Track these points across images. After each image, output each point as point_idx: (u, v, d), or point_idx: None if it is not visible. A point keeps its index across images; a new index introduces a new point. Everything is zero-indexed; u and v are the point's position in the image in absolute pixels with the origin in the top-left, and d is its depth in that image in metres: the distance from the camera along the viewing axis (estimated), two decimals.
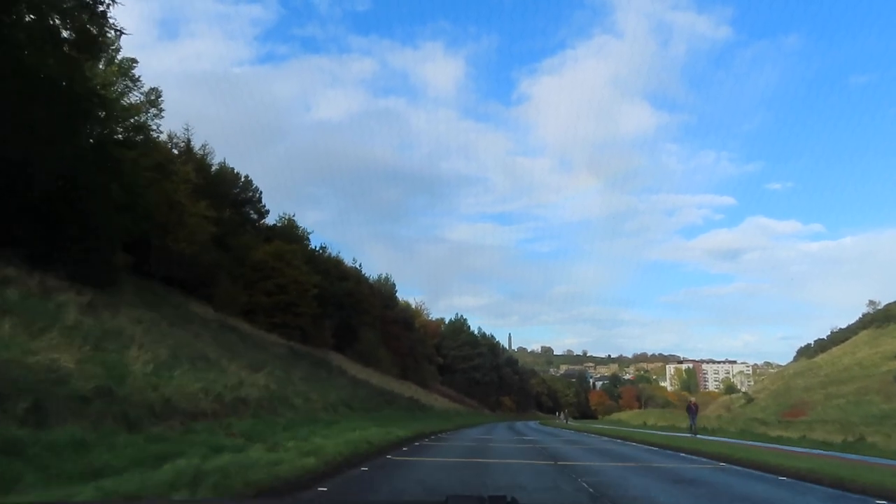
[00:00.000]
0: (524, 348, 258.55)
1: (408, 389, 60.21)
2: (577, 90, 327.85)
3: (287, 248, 45.75)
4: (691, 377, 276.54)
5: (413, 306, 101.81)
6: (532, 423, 76.94)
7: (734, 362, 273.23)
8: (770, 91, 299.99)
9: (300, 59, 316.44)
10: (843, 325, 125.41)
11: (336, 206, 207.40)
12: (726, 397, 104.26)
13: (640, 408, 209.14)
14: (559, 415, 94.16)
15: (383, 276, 78.52)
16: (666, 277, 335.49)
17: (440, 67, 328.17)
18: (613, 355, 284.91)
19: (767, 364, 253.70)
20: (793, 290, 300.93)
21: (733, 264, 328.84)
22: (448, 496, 2.00)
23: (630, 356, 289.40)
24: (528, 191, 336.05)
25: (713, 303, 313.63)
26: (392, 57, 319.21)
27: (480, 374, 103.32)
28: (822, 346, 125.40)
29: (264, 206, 58.27)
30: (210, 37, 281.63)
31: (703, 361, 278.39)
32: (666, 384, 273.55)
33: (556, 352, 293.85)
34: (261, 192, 57.80)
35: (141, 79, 29.49)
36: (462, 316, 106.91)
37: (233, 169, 55.14)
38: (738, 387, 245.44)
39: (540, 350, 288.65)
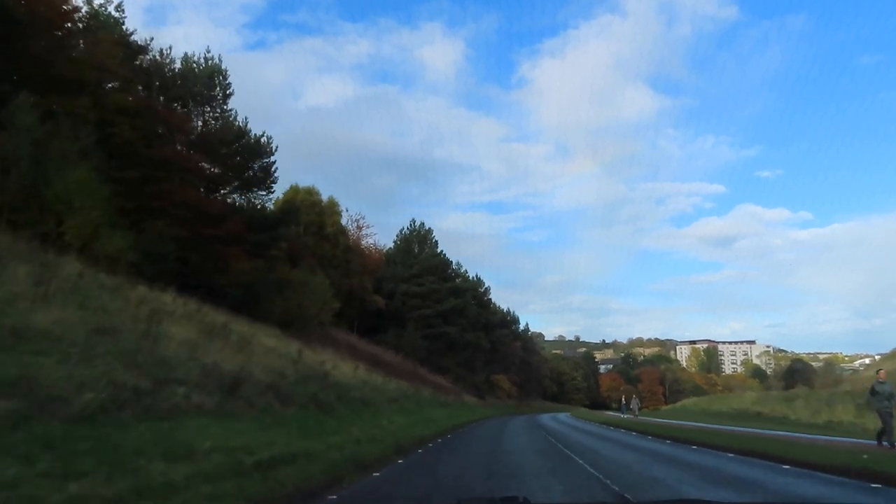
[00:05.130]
0: None
1: None
2: (578, 73, 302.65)
3: None
4: (711, 358, 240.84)
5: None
6: (561, 416, 45.87)
7: (753, 342, 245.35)
8: (773, 73, 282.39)
9: (292, 44, 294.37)
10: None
11: (328, 194, 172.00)
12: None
13: (664, 393, 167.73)
14: (630, 406, 45.76)
15: (210, 57, 29.69)
16: (656, 266, 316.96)
17: (439, 50, 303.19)
18: (608, 340, 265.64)
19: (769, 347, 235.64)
20: (781, 277, 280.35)
21: (723, 252, 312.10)
22: (460, 499, 2.04)
23: (625, 341, 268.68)
24: (521, 179, 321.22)
25: (702, 290, 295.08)
26: (390, 39, 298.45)
27: (457, 330, 55.50)
28: None
29: None
30: (198, 24, 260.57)
31: (719, 342, 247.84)
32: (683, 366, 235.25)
33: (547, 338, 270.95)
34: None
35: None
36: (424, 224, 58.39)
37: None
38: (763, 368, 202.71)
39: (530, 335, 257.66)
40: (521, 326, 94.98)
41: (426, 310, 52.90)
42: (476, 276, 79.83)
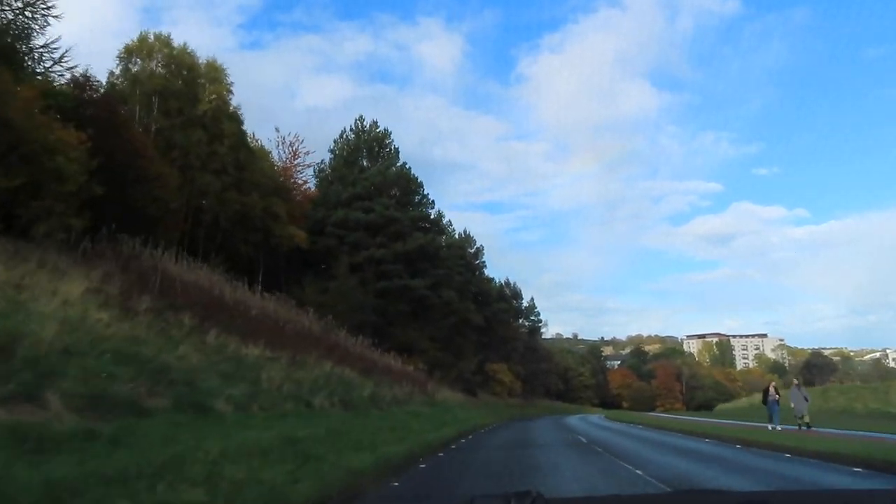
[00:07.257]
0: None
1: None
2: (578, 69, 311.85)
3: None
4: (725, 352, 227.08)
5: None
6: (596, 420, 33.80)
7: (765, 336, 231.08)
8: (776, 68, 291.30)
9: (289, 44, 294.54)
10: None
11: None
12: None
13: (681, 391, 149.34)
14: (792, 402, 25.05)
15: None
16: (653, 264, 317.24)
17: (438, 46, 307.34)
18: (606, 338, 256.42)
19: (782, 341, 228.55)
20: (778, 275, 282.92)
21: (720, 250, 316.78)
22: (473, 496, 1.96)
23: (624, 339, 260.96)
24: (519, 177, 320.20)
25: (698, 289, 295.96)
26: (387, 35, 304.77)
27: (427, 285, 35.05)
28: None
29: None
30: (194, 24, 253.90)
31: (731, 336, 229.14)
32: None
33: (545, 336, 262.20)
34: None
35: None
36: (378, 124, 37.69)
37: None
38: (781, 362, 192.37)
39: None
40: (525, 302, 73.69)
41: (377, 250, 32.32)
42: (465, 231, 59.53)
